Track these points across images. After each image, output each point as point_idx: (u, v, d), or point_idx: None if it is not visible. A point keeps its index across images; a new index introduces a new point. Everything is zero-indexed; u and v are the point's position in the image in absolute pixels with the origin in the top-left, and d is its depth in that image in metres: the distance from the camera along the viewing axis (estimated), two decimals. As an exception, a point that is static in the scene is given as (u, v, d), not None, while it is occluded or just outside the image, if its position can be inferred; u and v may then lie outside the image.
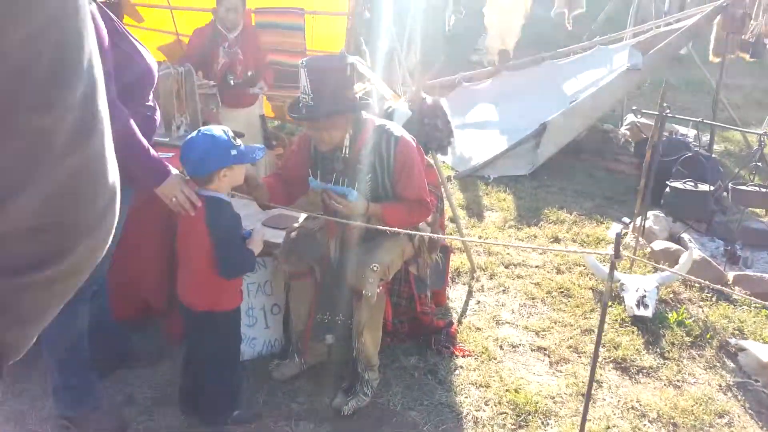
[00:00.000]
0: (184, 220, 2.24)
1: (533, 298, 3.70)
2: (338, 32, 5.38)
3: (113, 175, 0.61)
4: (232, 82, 4.38)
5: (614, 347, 3.25)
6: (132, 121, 2.02)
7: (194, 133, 2.18)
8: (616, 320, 3.49)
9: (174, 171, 2.18)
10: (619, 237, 2.02)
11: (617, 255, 1.99)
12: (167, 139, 3.24)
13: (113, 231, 0.63)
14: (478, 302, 3.63)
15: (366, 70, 2.62)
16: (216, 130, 2.17)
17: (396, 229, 2.44)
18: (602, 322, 2.21)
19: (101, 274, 2.33)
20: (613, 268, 2.04)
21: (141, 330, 3.05)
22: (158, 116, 2.31)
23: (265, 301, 2.99)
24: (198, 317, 2.30)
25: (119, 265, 2.79)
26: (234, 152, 2.17)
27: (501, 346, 3.20)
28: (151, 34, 6.21)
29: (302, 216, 3.16)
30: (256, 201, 2.68)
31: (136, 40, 2.13)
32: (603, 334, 3.34)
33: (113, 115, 1.88)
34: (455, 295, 3.69)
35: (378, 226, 2.42)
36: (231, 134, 2.19)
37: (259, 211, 3.10)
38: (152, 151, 2.09)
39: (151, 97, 2.26)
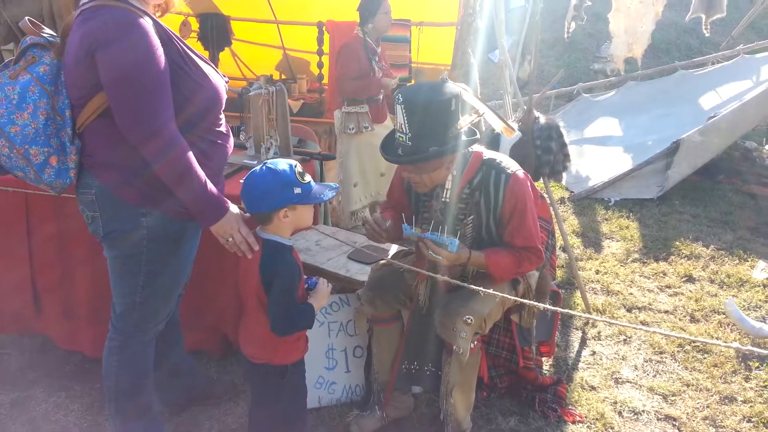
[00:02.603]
0: (243, 262, 2.00)
1: (661, 352, 3.15)
2: (446, 44, 5.07)
3: None
4: (381, 98, 4.23)
5: (764, 424, 2.65)
6: (190, 154, 1.81)
7: (258, 167, 1.93)
8: (767, 386, 2.87)
9: (233, 208, 1.94)
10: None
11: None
12: (255, 162, 3.06)
13: None
14: (594, 353, 3.13)
15: (473, 99, 2.26)
16: (281, 164, 1.90)
17: (487, 290, 2.05)
18: None
19: (166, 313, 2.14)
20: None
21: (220, 363, 2.88)
22: (231, 143, 2.09)
23: (347, 342, 2.71)
24: (256, 369, 2.06)
25: (197, 297, 2.65)
26: (298, 190, 1.89)
27: (620, 412, 2.70)
28: (261, 50, 6.25)
29: (392, 250, 2.87)
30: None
31: (202, 59, 1.92)
32: (749, 404, 2.76)
33: (172, 149, 1.68)
34: (565, 342, 3.22)
35: (474, 287, 2.04)
36: (299, 170, 1.91)
37: (341, 243, 2.84)
38: (210, 186, 1.86)
39: (223, 121, 2.05)
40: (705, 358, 3.09)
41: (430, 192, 2.31)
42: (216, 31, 5.53)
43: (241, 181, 1.99)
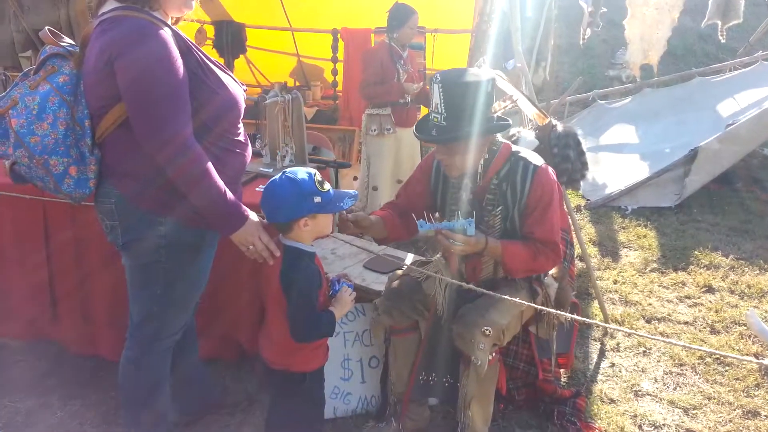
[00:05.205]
0: (265, 267, 1.99)
1: (681, 365, 3.09)
2: (460, 51, 5.05)
3: None
4: (409, 99, 4.27)
5: (790, 439, 2.59)
6: (209, 163, 1.80)
7: (277, 176, 1.92)
8: (792, 402, 2.81)
9: (252, 216, 1.93)
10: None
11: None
12: (271, 170, 3.05)
13: None
14: (612, 365, 3.08)
15: (507, 85, 2.26)
16: (300, 173, 1.89)
17: (505, 297, 2.02)
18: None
19: (183, 322, 2.13)
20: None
21: (234, 372, 2.87)
22: (249, 152, 2.08)
23: (362, 352, 2.69)
24: (274, 375, 2.04)
25: (211, 304, 2.64)
26: (318, 199, 1.88)
27: (640, 426, 2.66)
28: (275, 57, 6.27)
29: (408, 259, 2.84)
30: (373, 239, 2.43)
31: (220, 67, 1.92)
32: (773, 418, 2.70)
33: (189, 157, 1.67)
34: (584, 353, 3.17)
35: (494, 294, 2.01)
36: (318, 178, 1.90)
37: (360, 251, 2.83)
38: (229, 195, 1.85)
39: (241, 130, 2.04)
40: (726, 371, 3.03)
41: (458, 183, 2.31)
42: (231, 39, 5.56)
43: (258, 189, 1.98)
